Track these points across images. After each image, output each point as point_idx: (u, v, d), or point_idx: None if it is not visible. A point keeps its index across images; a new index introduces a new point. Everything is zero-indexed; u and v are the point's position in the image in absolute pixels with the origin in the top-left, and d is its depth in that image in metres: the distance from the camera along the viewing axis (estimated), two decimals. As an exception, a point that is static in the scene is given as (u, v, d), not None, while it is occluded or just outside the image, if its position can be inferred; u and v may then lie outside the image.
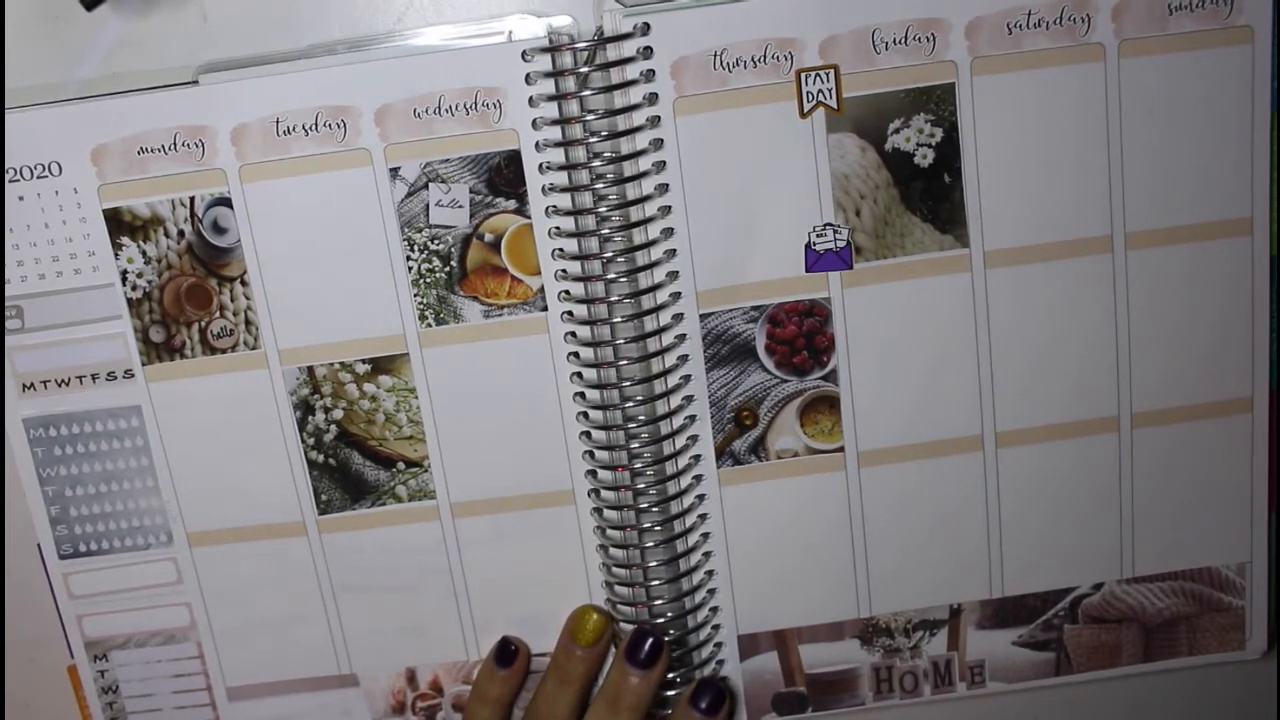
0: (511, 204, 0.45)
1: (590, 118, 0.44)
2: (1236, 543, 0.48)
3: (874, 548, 0.47)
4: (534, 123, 0.44)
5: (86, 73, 0.44)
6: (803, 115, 0.44)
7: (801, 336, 0.46)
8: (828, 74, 0.44)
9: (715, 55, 0.43)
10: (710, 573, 0.48)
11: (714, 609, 0.48)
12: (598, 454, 0.47)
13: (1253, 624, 0.49)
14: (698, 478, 0.47)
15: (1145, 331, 0.46)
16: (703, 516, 0.47)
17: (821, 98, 0.44)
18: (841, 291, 0.45)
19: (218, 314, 0.45)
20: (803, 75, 0.44)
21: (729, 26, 0.43)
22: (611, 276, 0.45)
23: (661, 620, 0.47)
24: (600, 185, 0.44)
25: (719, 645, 0.48)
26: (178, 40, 0.44)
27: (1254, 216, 0.45)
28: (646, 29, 0.43)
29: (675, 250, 0.45)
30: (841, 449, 0.47)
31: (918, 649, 0.48)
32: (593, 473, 0.47)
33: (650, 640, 0.46)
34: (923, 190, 0.45)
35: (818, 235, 0.45)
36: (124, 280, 0.45)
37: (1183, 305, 0.46)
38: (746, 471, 0.47)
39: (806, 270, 0.45)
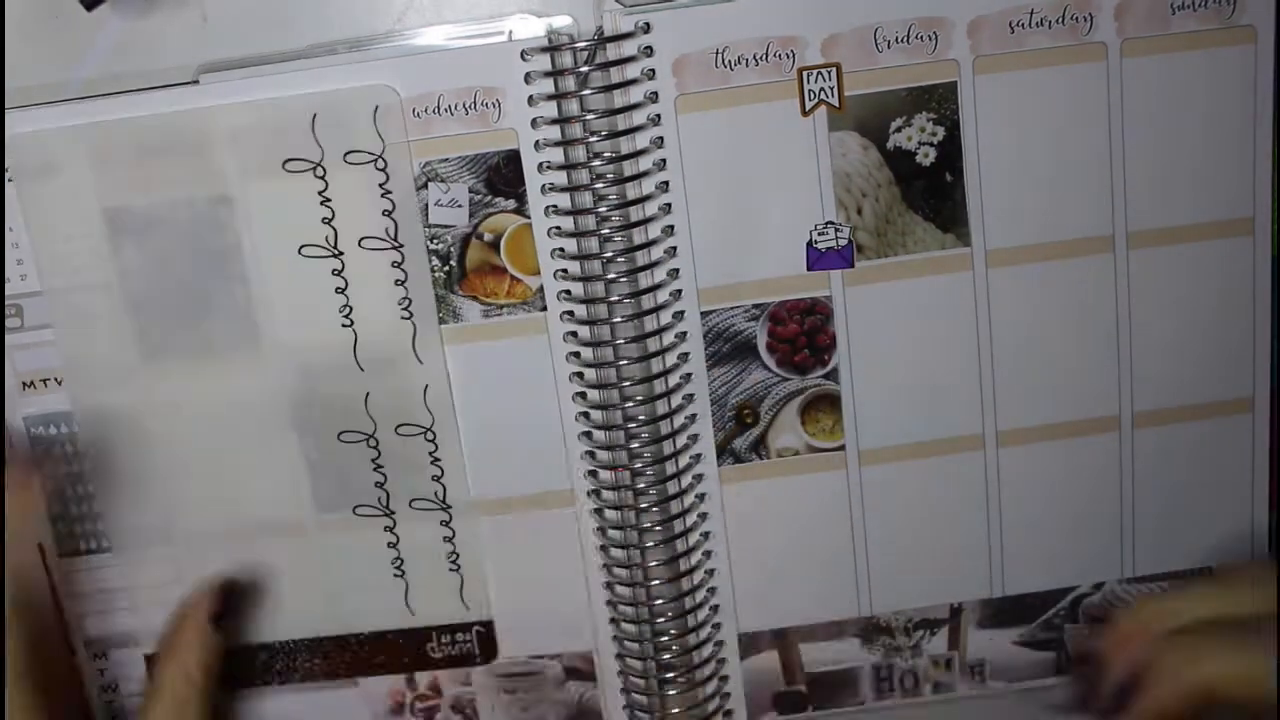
0: (511, 203, 0.44)
1: (590, 117, 0.43)
2: (1238, 542, 0.47)
3: (874, 546, 0.46)
4: (533, 122, 0.43)
5: (86, 73, 0.43)
6: (804, 113, 0.43)
7: (803, 335, 0.45)
8: (829, 72, 0.43)
9: (717, 53, 0.43)
10: (711, 572, 0.47)
11: (714, 608, 0.47)
12: (598, 454, 0.46)
13: (1253, 623, 0.48)
14: (698, 476, 0.46)
15: (1146, 331, 0.45)
16: (703, 516, 0.46)
17: (823, 96, 0.43)
18: (843, 290, 0.45)
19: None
20: (804, 73, 0.43)
21: (730, 24, 0.42)
22: (611, 276, 0.44)
23: (662, 620, 0.47)
24: (600, 185, 0.43)
25: (719, 644, 0.47)
26: (178, 40, 0.43)
27: (1255, 216, 0.44)
28: (647, 28, 0.42)
29: (676, 248, 0.44)
30: (842, 447, 0.46)
31: (918, 648, 0.48)
32: (593, 473, 0.46)
33: None
34: (924, 189, 0.44)
35: (819, 233, 0.44)
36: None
37: (1184, 305, 0.45)
38: (747, 470, 0.46)
39: (808, 268, 0.44)
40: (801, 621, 0.47)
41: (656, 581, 0.46)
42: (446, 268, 0.44)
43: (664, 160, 0.43)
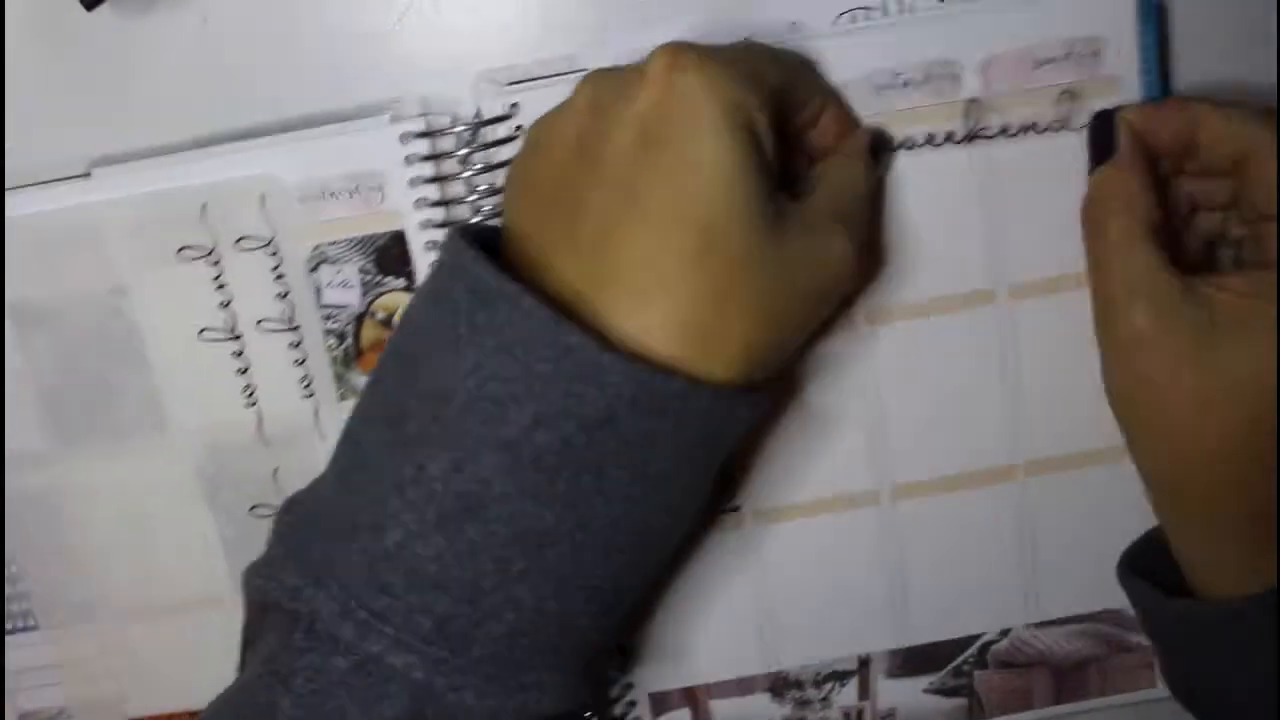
0: (401, 282, 0.44)
1: (473, 197, 0.43)
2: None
3: (778, 601, 0.46)
4: (416, 203, 0.43)
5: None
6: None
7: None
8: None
9: (593, 127, 0.43)
10: (617, 633, 0.47)
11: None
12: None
13: (1162, 664, 0.47)
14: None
15: (1035, 380, 0.45)
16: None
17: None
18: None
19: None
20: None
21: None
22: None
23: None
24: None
25: (631, 704, 0.47)
26: (177, 41, 0.44)
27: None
28: (516, 108, 0.42)
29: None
30: (739, 507, 0.46)
31: (828, 700, 0.48)
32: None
33: None
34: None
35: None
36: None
37: (1070, 352, 0.45)
38: (647, 533, 0.46)
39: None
40: (710, 678, 0.47)
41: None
42: (343, 346, 0.45)
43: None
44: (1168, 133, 0.40)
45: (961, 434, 0.45)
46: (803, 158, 0.41)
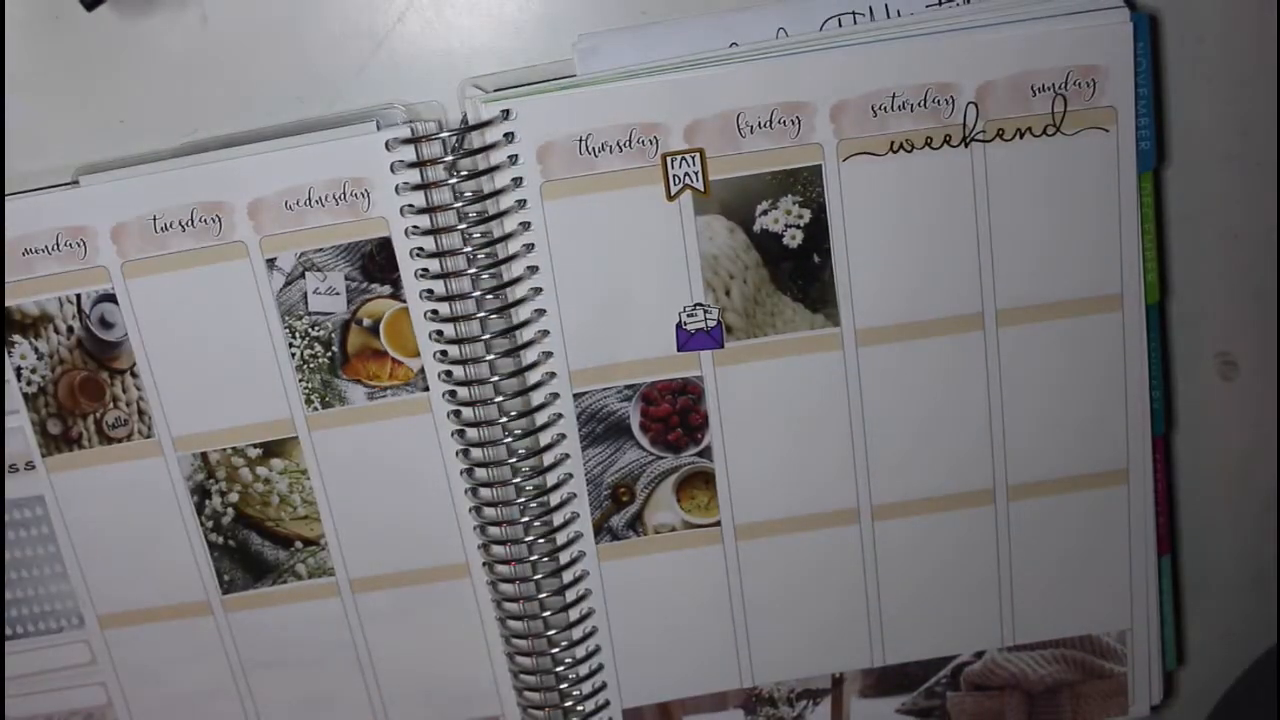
0: (386, 289, 0.42)
1: (458, 204, 0.41)
2: (1116, 611, 0.45)
3: (754, 618, 0.44)
4: (402, 210, 0.41)
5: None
6: (670, 198, 0.41)
7: (675, 414, 0.43)
8: (693, 157, 0.41)
9: (581, 140, 0.41)
10: (594, 648, 0.45)
11: (598, 684, 0.45)
12: (488, 529, 0.44)
13: (1135, 690, 0.45)
14: (578, 555, 0.44)
15: (1018, 406, 0.43)
16: (585, 593, 0.44)
17: (688, 180, 0.41)
18: (714, 370, 0.43)
19: (111, 405, 0.43)
20: (668, 159, 0.41)
21: (593, 111, 0.40)
22: (490, 357, 0.42)
23: (552, 692, 0.45)
24: (471, 269, 0.41)
25: None
26: (177, 41, 0.41)
27: (1123, 292, 0.42)
28: (507, 115, 0.40)
29: (548, 331, 0.42)
30: (718, 523, 0.44)
31: (801, 718, 0.45)
32: (486, 546, 0.44)
33: None
34: (792, 270, 0.42)
35: (688, 315, 0.42)
36: (19, 376, 0.43)
37: (1056, 379, 0.43)
38: (625, 547, 0.44)
39: (678, 349, 0.42)
40: (684, 694, 0.45)
41: (557, 649, 0.44)
42: (329, 353, 0.43)
43: (532, 244, 0.41)
44: None
45: (943, 456, 0.43)
46: None
